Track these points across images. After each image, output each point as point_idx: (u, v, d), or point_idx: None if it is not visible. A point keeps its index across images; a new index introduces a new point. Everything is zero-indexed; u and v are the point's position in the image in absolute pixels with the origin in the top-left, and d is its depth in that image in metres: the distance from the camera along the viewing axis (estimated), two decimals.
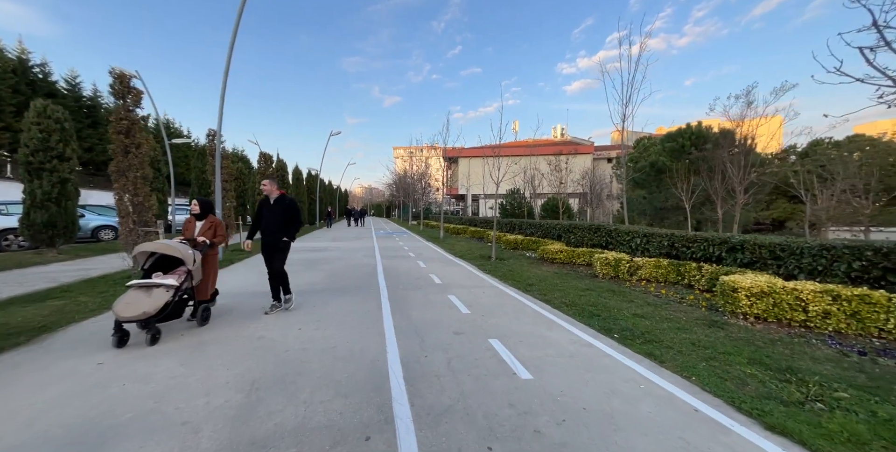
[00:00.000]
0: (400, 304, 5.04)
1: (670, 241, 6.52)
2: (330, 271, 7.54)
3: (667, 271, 6.07)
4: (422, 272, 7.68)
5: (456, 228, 20.47)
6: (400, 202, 43.38)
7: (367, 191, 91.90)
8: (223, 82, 8.30)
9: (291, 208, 4.48)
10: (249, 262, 8.75)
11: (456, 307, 4.97)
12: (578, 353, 3.37)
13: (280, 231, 4.42)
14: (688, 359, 3.21)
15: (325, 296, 5.44)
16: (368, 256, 10.25)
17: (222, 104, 8.43)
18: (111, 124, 5.72)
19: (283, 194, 4.57)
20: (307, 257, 9.81)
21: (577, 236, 9.62)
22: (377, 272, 7.55)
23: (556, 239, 10.88)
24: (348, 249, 11.98)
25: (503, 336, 3.76)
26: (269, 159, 14.76)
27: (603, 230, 8.56)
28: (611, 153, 36.35)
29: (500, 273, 7.62)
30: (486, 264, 9.00)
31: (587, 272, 7.70)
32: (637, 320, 4.34)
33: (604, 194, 22.64)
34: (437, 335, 3.78)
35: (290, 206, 4.49)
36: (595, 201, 21.44)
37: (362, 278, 6.86)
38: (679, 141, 13.56)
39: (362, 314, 4.56)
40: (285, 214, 4.44)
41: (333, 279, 6.70)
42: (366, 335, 3.75)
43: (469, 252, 11.32)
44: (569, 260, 8.78)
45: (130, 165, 5.83)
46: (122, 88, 5.78)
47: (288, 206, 4.47)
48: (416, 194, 32.03)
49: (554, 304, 5.12)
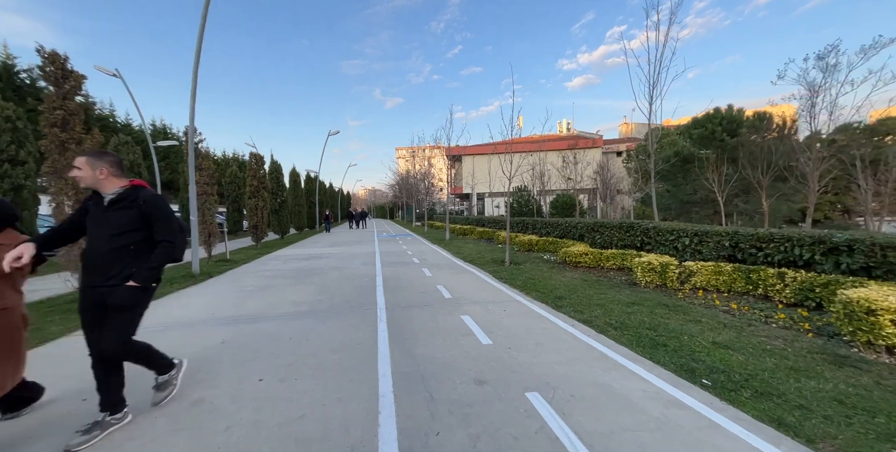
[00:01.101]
0: (401, 331, 3.93)
1: (733, 240, 5.30)
2: (320, 286, 6.45)
3: (731, 278, 4.88)
4: (428, 283, 6.56)
5: (462, 228, 19.34)
6: (403, 203, 42.38)
7: (370, 193, 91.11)
8: (194, 69, 7.26)
9: (150, 215, 2.19)
10: (237, 273, 7.70)
11: (472, 333, 3.85)
12: (667, 421, 2.22)
13: (119, 264, 2.13)
14: (850, 436, 2.05)
15: (308, 322, 4.34)
16: (368, 263, 9.16)
17: (194, 92, 7.39)
18: (42, 115, 4.69)
19: (133, 186, 2.25)
20: (297, 266, 8.74)
21: (605, 236, 8.42)
22: (376, 285, 6.45)
23: (578, 240, 9.70)
24: (346, 255, 10.90)
25: (545, 387, 2.63)
26: (261, 160, 13.73)
27: (638, 229, 7.35)
28: (620, 147, 34.97)
29: (520, 282, 6.48)
30: (500, 270, 7.86)
31: (622, 279, 6.53)
32: (723, 352, 3.17)
33: (617, 189, 21.36)
34: (452, 387, 2.66)
35: (149, 209, 2.18)
36: (609, 196, 20.17)
37: (358, 294, 5.76)
38: (708, 127, 12.23)
39: (351, 349, 3.45)
40: (134, 226, 2.16)
41: (322, 297, 5.61)
42: (351, 392, 2.64)
43: (479, 256, 10.19)
44: (595, 264, 7.61)
45: (69, 165, 4.80)
46: (55, 71, 4.76)
47: (143, 210, 2.17)
48: (420, 194, 31.00)
49: (598, 326, 3.97)
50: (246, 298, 5.57)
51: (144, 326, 4.16)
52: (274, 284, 6.63)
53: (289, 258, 10.32)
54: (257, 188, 13.39)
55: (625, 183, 26.29)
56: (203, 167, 9.10)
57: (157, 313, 4.75)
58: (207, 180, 9.14)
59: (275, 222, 16.98)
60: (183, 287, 6.35)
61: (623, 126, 45.62)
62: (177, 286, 6.31)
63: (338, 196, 44.43)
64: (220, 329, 4.04)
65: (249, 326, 4.17)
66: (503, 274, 7.32)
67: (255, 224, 13.23)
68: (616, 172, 27.08)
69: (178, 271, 7.78)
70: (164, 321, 4.36)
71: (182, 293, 5.93)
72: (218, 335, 3.86)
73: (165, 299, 5.56)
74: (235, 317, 4.51)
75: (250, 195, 13.35)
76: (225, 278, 7.26)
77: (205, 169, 9.11)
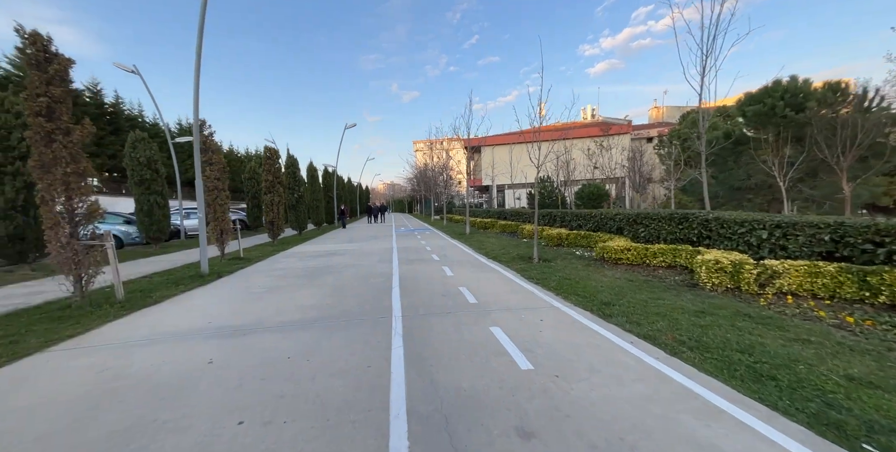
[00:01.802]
0: (420, 347, 3.25)
1: (837, 233, 4.19)
2: (333, 287, 5.88)
3: (835, 281, 3.89)
4: (449, 284, 5.87)
5: (483, 222, 18.51)
6: (421, 197, 41.80)
7: (388, 187, 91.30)
8: (197, 51, 6.77)
9: None
10: (248, 272, 7.30)
11: (506, 352, 3.12)
12: None
13: None
14: None
15: (313, 333, 3.74)
16: (384, 260, 8.57)
17: (197, 82, 6.91)
18: (24, 102, 4.28)
19: None
20: (311, 265, 8.26)
21: (650, 230, 7.39)
22: (392, 286, 5.82)
23: (616, 233, 8.69)
24: (362, 252, 10.37)
25: (621, 448, 1.87)
26: (276, 154, 13.38)
27: (694, 220, 6.29)
28: (651, 132, 32.76)
29: (554, 283, 5.67)
30: (528, 268, 7.05)
31: (676, 280, 5.59)
32: (871, 394, 2.28)
33: (652, 177, 19.81)
34: (487, 441, 1.95)
35: None
36: (643, 185, 18.72)
37: (372, 297, 5.14)
38: (767, 102, 10.61)
39: (359, 373, 2.81)
40: None
41: (333, 300, 5.03)
42: (353, 443, 1.98)
43: (503, 252, 9.39)
44: (640, 261, 6.66)
45: (57, 158, 4.40)
46: (37, 53, 4.33)
47: None
48: (438, 187, 30.26)
49: (666, 345, 3.14)
50: (251, 301, 5.06)
51: (131, 339, 3.73)
52: (284, 284, 6.14)
53: (304, 256, 9.90)
54: (272, 183, 13.05)
55: (657, 171, 24.53)
56: (214, 162, 8.73)
57: (151, 320, 4.31)
58: (219, 175, 8.77)
59: (292, 218, 16.75)
60: (189, 289, 5.95)
61: (653, 110, 42.81)
62: (182, 288, 5.92)
63: (356, 191, 44.43)
64: (212, 344, 3.51)
65: (246, 339, 3.62)
66: (533, 273, 6.52)
67: (270, 220, 12.94)
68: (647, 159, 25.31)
69: (187, 271, 7.45)
70: (156, 332, 3.88)
71: (185, 296, 5.52)
72: (208, 351, 3.32)
73: (167, 303, 5.15)
74: (234, 327, 3.99)
75: (266, 191, 13.03)
76: (234, 279, 6.84)
77: (215, 163, 8.73)
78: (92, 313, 4.47)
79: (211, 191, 8.68)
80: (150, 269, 7.98)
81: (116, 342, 3.60)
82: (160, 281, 6.44)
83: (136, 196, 11.06)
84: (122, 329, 4.00)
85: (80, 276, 4.72)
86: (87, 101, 25.25)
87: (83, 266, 4.68)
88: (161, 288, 5.87)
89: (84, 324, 4.10)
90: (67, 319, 4.28)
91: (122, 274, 7.28)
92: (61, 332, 3.83)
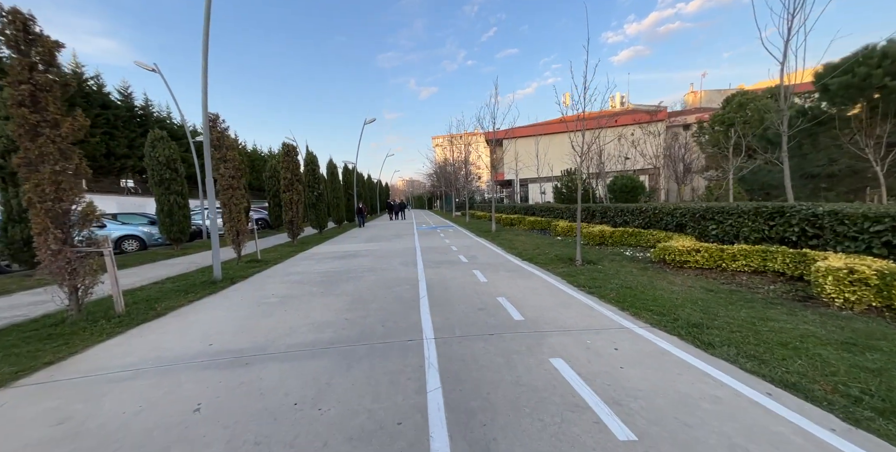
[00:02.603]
0: (464, 394, 2.43)
1: None
2: (352, 297, 5.17)
3: None
4: (484, 293, 5.02)
5: (509, 218, 17.48)
6: (441, 193, 41.01)
7: (407, 183, 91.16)
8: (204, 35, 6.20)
9: None
10: (262, 277, 6.75)
11: (586, 406, 2.25)
12: None
13: None
14: None
15: (326, 365, 3.00)
16: (408, 263, 7.83)
17: (206, 63, 6.35)
18: (5, 90, 3.76)
19: None
20: (329, 269, 7.63)
21: (726, 227, 6.16)
22: (419, 295, 5.05)
23: (676, 231, 7.51)
24: (384, 253, 9.69)
25: None
26: (294, 151, 12.91)
27: (794, 215, 5.02)
28: (688, 119, 30.32)
29: (613, 293, 4.71)
30: (573, 272, 6.09)
31: (774, 290, 4.49)
32: None
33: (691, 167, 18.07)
34: None
35: None
36: (688, 175, 17.08)
37: (397, 310, 4.38)
38: (860, 72, 8.84)
39: (384, 439, 2.02)
40: None
41: (353, 315, 4.30)
42: None
43: (539, 252, 8.43)
44: (713, 265, 5.55)
45: (44, 155, 3.88)
46: (16, 33, 3.79)
47: None
48: (459, 182, 29.34)
49: (830, 403, 2.16)
50: (260, 317, 4.42)
51: (114, 369, 3.10)
52: (299, 293, 5.50)
53: (323, 257, 9.33)
54: (291, 181, 12.60)
55: (699, 160, 22.55)
56: (228, 158, 8.24)
57: (146, 341, 3.72)
58: (234, 173, 8.28)
59: (312, 217, 16.38)
60: (198, 298, 5.42)
61: (690, 96, 39.73)
62: (191, 297, 5.39)
63: (376, 188, 44.22)
64: (205, 378, 2.83)
65: (247, 371, 2.92)
66: (581, 279, 5.56)
67: (290, 219, 12.50)
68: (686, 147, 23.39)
69: (200, 276, 6.98)
70: (146, 358, 3.27)
71: (191, 308, 4.96)
72: (198, 391, 2.64)
73: (170, 316, 4.60)
74: (235, 352, 3.32)
75: (284, 189, 12.60)
76: (247, 286, 6.28)
77: (230, 160, 8.24)
78: (85, 329, 3.95)
79: (226, 190, 8.21)
80: (164, 273, 7.61)
81: (96, 373, 3.00)
82: (171, 288, 5.96)
83: (156, 196, 10.86)
84: (109, 354, 3.42)
85: (76, 287, 4.22)
86: (118, 104, 25.98)
87: (78, 276, 4.17)
88: (169, 297, 5.37)
89: (72, 345, 3.56)
90: (57, 338, 3.77)
91: (135, 279, 6.96)
92: (42, 357, 3.29)
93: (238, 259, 8.48)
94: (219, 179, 8.16)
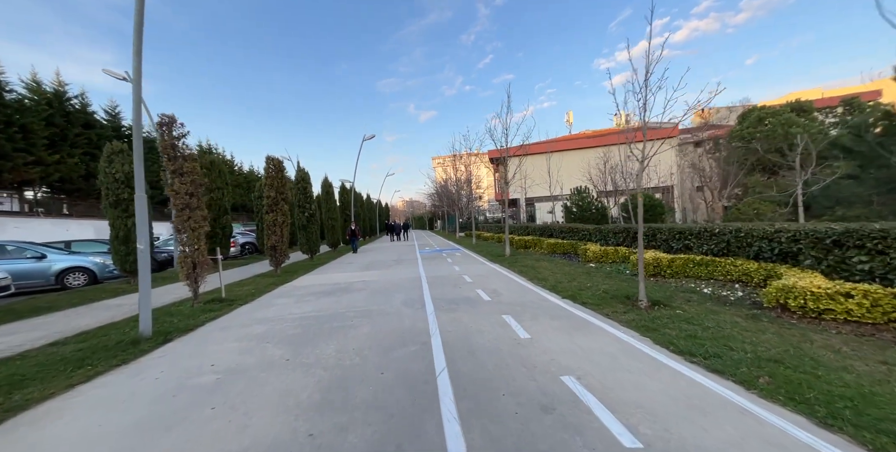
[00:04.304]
0: None
1: None
2: (332, 372, 3.29)
3: None
4: (536, 367, 3.15)
5: (522, 239, 15.72)
6: (443, 213, 39.44)
7: (408, 204, 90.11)
8: None
9: None
10: (211, 331, 4.77)
11: None
12: None
13: None
14: None
15: None
16: (413, 302, 5.97)
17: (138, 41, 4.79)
18: None
19: None
20: (309, 312, 5.76)
21: (885, 260, 4.20)
22: (434, 372, 3.17)
23: (779, 261, 5.62)
24: (382, 285, 7.82)
25: None
26: (279, 166, 11.30)
27: None
28: (699, 135, 29.30)
29: (753, 370, 2.86)
30: (650, 323, 4.24)
31: None
32: None
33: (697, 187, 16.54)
34: None
35: None
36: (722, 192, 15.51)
37: (399, 414, 2.51)
38: None
39: None
40: None
41: (324, 427, 2.42)
42: None
43: (578, 286, 6.59)
44: (883, 319, 3.70)
45: None
46: None
47: None
48: (461, 201, 27.83)
49: None
50: (155, 431, 2.53)
51: None
52: (252, 363, 3.62)
53: (306, 293, 7.46)
54: (276, 200, 10.93)
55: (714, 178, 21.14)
56: (186, 171, 6.55)
57: None
58: (191, 189, 6.57)
59: (302, 240, 14.58)
60: (91, 376, 3.48)
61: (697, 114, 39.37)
62: (82, 375, 3.48)
63: (375, 208, 42.70)
64: None
65: None
66: (681, 341, 3.68)
67: (272, 244, 10.72)
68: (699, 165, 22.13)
69: (125, 329, 5.07)
70: None
71: (66, 402, 3.05)
72: None
73: (21, 420, 2.69)
74: None
75: (267, 209, 10.91)
76: (182, 347, 4.37)
77: (187, 174, 6.55)
78: None
79: (181, 210, 6.47)
80: (88, 321, 5.71)
81: None
82: (67, 354, 4.06)
83: (110, 220, 9.07)
84: None
85: None
86: (103, 123, 24.82)
87: None
88: (49, 374, 3.48)
89: None
90: None
91: (38, 334, 4.95)
92: None
93: (195, 299, 6.60)
94: (173, 196, 6.45)
